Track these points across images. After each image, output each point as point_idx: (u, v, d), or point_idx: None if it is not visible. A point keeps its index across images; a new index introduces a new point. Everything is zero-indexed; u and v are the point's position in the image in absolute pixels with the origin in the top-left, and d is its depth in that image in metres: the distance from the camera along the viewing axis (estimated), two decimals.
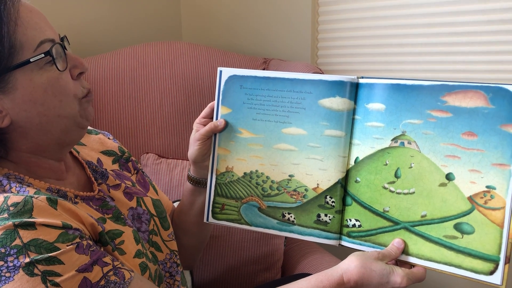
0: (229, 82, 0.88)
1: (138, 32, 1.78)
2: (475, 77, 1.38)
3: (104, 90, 1.42)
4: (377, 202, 0.80)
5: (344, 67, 1.64)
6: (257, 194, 0.88)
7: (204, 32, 1.91)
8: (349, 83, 0.81)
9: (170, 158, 1.41)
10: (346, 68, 1.63)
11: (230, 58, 1.57)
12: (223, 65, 1.53)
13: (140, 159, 1.41)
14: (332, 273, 0.76)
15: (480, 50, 1.36)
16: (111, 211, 0.78)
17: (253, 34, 1.79)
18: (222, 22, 1.86)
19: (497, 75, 1.35)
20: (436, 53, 1.43)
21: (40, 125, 0.69)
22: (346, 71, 1.63)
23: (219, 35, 1.88)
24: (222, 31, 1.87)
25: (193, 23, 1.93)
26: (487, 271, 0.72)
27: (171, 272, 0.89)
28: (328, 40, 1.65)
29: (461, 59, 1.39)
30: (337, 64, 1.65)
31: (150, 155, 1.40)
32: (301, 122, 0.84)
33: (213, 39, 1.89)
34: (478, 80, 1.38)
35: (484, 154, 0.72)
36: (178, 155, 1.48)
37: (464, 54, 1.38)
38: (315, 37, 1.67)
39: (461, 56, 1.39)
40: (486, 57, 1.35)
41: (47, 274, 0.60)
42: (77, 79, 0.74)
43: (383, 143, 0.79)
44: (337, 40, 1.63)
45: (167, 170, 1.37)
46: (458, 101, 0.74)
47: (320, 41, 1.67)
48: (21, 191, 0.66)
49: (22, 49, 0.66)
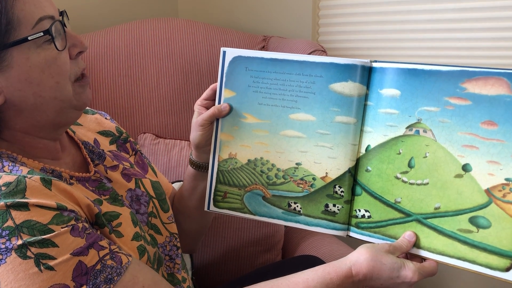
0: (233, 64, 0.83)
1: (133, 9, 1.74)
2: (480, 62, 1.36)
3: (99, 68, 1.39)
4: (389, 192, 0.77)
5: (346, 45, 1.60)
6: (262, 183, 0.84)
7: (201, 9, 1.87)
8: (362, 66, 0.77)
9: (168, 138, 1.38)
10: (349, 46, 1.60)
11: (229, 35, 1.54)
12: (221, 43, 1.50)
13: (137, 139, 1.39)
14: (340, 265, 0.73)
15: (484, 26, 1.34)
16: (108, 193, 0.77)
17: (252, 11, 1.74)
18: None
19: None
20: (441, 30, 1.40)
21: (35, 105, 0.67)
22: (348, 49, 1.60)
23: (216, 12, 1.84)
24: (220, 8, 1.82)
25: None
26: (503, 267, 0.69)
27: (171, 255, 0.87)
28: (330, 17, 1.61)
29: (465, 36, 1.38)
30: (339, 41, 1.61)
31: (147, 135, 1.38)
32: (310, 107, 0.80)
33: (210, 16, 1.85)
34: (484, 63, 1.36)
35: (504, 145, 0.69)
36: (176, 135, 1.46)
37: (470, 31, 1.37)
38: (316, 13, 1.63)
39: (465, 33, 1.37)
40: (491, 34, 1.33)
41: (41, 257, 0.58)
42: (75, 58, 0.71)
43: (397, 131, 0.75)
44: (339, 17, 1.59)
45: (165, 150, 1.34)
46: (479, 88, 0.70)
47: (321, 18, 1.63)
48: (14, 170, 0.64)
49: (20, 25, 0.63)
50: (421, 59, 1.44)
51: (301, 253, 1.29)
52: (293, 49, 1.41)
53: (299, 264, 1.06)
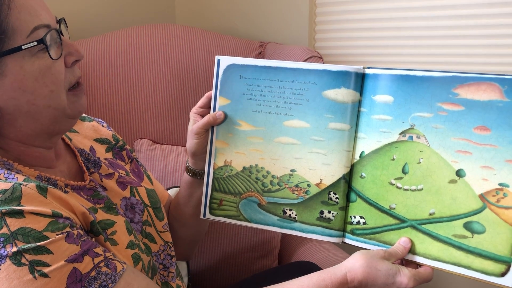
0: (227, 72, 0.83)
1: (130, 15, 1.74)
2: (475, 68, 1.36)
3: (95, 74, 1.39)
4: (383, 198, 0.76)
5: (342, 51, 1.60)
6: (257, 190, 0.84)
7: (198, 15, 1.87)
8: (355, 73, 0.77)
9: (165, 144, 1.38)
10: (345, 52, 1.60)
11: (225, 41, 1.54)
12: (218, 49, 1.50)
13: (133, 145, 1.38)
14: (335, 272, 0.73)
15: (480, 33, 1.33)
16: (103, 201, 0.76)
17: (249, 17, 1.74)
18: (216, 4, 1.81)
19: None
20: (436, 37, 1.40)
21: (28, 114, 0.67)
22: (345, 55, 1.60)
23: (213, 18, 1.84)
24: (217, 14, 1.82)
25: (186, 5, 1.88)
26: (498, 272, 0.69)
27: (165, 264, 0.87)
28: (326, 23, 1.61)
29: (459, 43, 1.37)
30: (336, 48, 1.61)
31: (144, 141, 1.37)
32: (304, 114, 0.80)
33: (207, 22, 1.85)
34: (478, 70, 1.36)
35: (497, 150, 0.69)
36: (173, 140, 1.45)
37: (464, 37, 1.37)
38: (312, 20, 1.63)
39: (462, 40, 1.37)
40: (486, 41, 1.33)
41: (35, 264, 0.58)
42: (71, 66, 0.71)
43: (391, 137, 0.75)
44: (335, 23, 1.59)
45: (162, 156, 1.34)
46: (471, 94, 0.70)
47: (318, 24, 1.63)
48: (10, 178, 0.64)
49: (15, 34, 0.62)
50: (416, 66, 1.44)
51: (297, 259, 1.28)
52: (290, 55, 1.41)
53: (295, 270, 1.06)
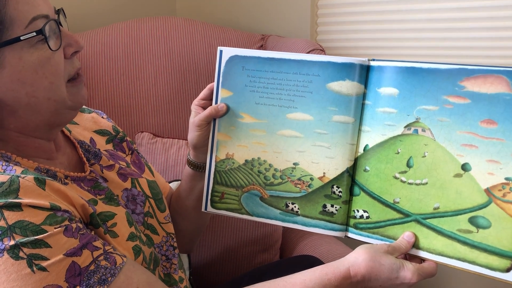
0: (230, 63, 0.82)
1: (131, 7, 1.73)
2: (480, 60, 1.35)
3: (96, 67, 1.38)
4: (387, 192, 0.76)
5: (345, 44, 1.59)
6: (259, 183, 0.83)
7: (199, 7, 1.86)
8: (360, 65, 0.76)
9: (166, 137, 1.37)
10: (347, 45, 1.59)
11: (227, 34, 1.53)
12: (219, 42, 1.49)
13: (134, 138, 1.38)
14: (338, 266, 0.72)
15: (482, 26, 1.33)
16: (103, 192, 0.76)
17: (250, 9, 1.73)
18: None
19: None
20: (440, 29, 1.39)
21: (28, 106, 0.66)
22: (347, 48, 1.59)
23: (214, 10, 1.83)
24: (218, 6, 1.81)
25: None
26: (503, 268, 0.68)
27: (167, 255, 0.86)
28: (328, 16, 1.60)
29: (464, 36, 1.36)
30: (338, 40, 1.60)
31: (144, 134, 1.37)
32: (307, 106, 0.79)
33: (208, 14, 1.84)
34: (483, 63, 1.34)
35: (504, 144, 0.68)
36: (174, 134, 1.45)
37: (469, 30, 1.35)
38: (314, 12, 1.62)
39: (465, 33, 1.36)
40: (491, 34, 1.32)
41: (33, 257, 0.57)
42: (70, 58, 0.70)
43: (395, 130, 0.74)
44: (337, 16, 1.58)
45: (163, 149, 1.34)
46: (478, 87, 0.69)
47: (319, 17, 1.62)
48: (8, 170, 0.63)
49: (13, 25, 0.62)
50: (420, 58, 1.43)
51: (299, 252, 1.28)
52: (292, 48, 1.41)
53: (297, 264, 1.06)
